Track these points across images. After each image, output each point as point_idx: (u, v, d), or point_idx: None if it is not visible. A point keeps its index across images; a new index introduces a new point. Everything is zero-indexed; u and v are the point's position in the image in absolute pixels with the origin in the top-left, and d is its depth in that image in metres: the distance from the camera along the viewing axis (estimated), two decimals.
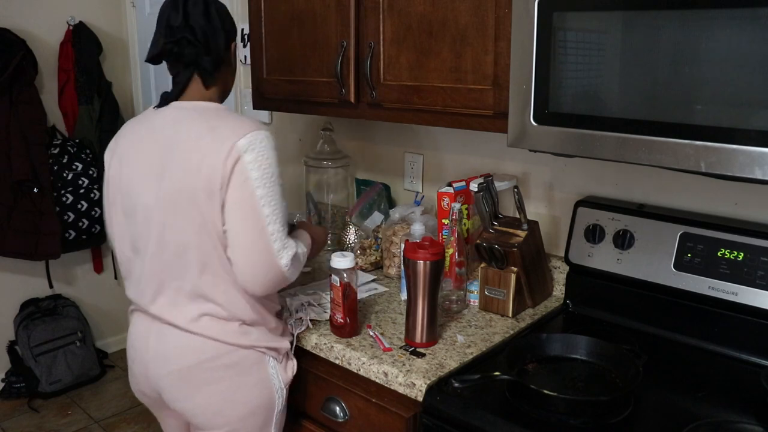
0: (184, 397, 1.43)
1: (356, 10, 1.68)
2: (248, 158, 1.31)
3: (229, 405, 1.42)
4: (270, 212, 1.33)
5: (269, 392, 1.46)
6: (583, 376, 1.31)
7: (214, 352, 1.39)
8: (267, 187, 1.33)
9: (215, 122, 1.36)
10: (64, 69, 3.14)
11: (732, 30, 1.04)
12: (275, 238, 1.34)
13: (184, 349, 1.40)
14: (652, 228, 1.52)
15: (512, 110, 1.33)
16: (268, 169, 1.33)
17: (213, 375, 1.40)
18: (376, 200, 2.05)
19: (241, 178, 1.31)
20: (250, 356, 1.42)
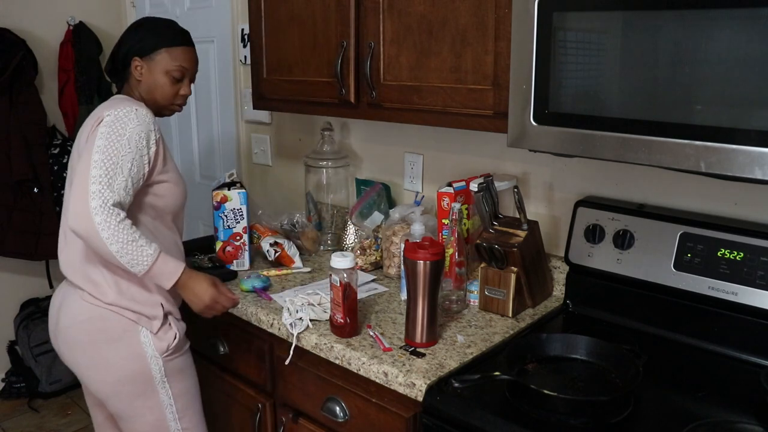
0: (67, 354, 1.59)
1: (356, 10, 1.68)
2: (103, 129, 1.46)
3: (103, 369, 1.55)
4: (97, 174, 1.41)
5: (141, 361, 1.54)
6: (583, 376, 1.31)
7: (87, 314, 1.53)
8: (105, 153, 1.43)
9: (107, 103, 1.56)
10: (64, 69, 3.13)
11: (732, 30, 1.04)
12: (93, 197, 1.39)
13: (70, 308, 1.56)
14: (652, 228, 1.52)
15: (512, 110, 1.33)
16: (116, 134, 1.45)
17: (87, 337, 1.54)
18: (376, 200, 2.05)
19: (92, 138, 1.46)
20: (120, 322, 1.53)
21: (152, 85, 1.62)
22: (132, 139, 1.46)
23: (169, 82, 1.63)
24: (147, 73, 1.62)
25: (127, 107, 1.49)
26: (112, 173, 1.42)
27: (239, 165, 2.75)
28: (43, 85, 3.14)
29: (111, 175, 1.41)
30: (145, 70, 1.61)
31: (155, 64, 1.61)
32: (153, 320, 1.55)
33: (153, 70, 1.62)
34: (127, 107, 1.49)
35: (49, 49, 3.13)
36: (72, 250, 1.57)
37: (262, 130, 2.63)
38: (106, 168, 1.41)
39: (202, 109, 2.89)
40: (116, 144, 1.44)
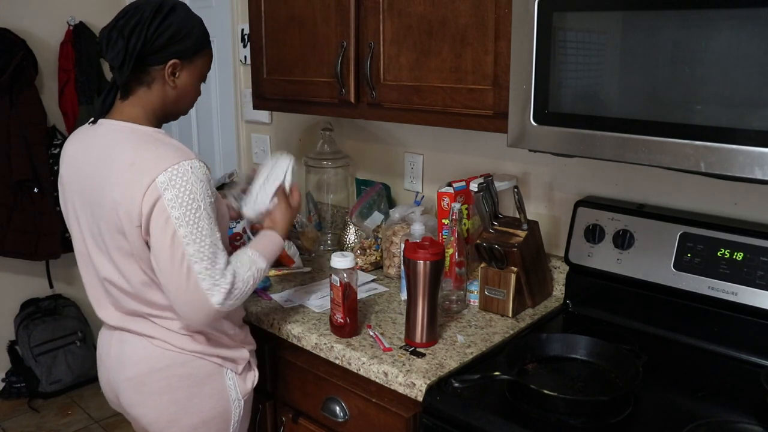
0: (138, 404, 1.42)
1: (356, 10, 1.68)
2: (168, 196, 1.24)
3: (183, 414, 1.41)
4: (195, 251, 1.26)
5: (225, 403, 1.45)
6: (583, 376, 1.31)
7: (168, 361, 1.39)
8: (191, 225, 1.26)
9: (138, 152, 1.29)
10: (65, 69, 3.13)
11: (732, 30, 1.04)
12: (203, 277, 1.27)
13: (139, 356, 1.40)
14: (652, 228, 1.52)
15: (512, 110, 1.33)
16: (192, 204, 1.26)
17: (167, 384, 1.39)
18: (376, 200, 2.05)
19: (162, 217, 1.25)
20: (205, 367, 1.41)
21: (185, 92, 1.40)
22: (207, 207, 1.28)
23: (199, 89, 1.44)
24: (185, 79, 1.38)
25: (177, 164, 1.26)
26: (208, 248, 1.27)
27: (239, 165, 2.75)
28: (43, 85, 3.14)
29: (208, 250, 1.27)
30: (183, 75, 1.37)
31: (195, 69, 1.39)
32: (239, 363, 1.46)
33: (191, 75, 1.39)
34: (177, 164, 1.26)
35: (49, 49, 3.13)
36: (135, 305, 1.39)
37: (262, 130, 2.63)
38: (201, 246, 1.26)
39: (202, 109, 2.89)
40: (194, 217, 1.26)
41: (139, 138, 1.33)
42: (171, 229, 1.25)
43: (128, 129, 1.34)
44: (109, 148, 1.32)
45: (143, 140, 1.32)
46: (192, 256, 1.26)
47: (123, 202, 1.27)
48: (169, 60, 1.34)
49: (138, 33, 1.29)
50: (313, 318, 1.63)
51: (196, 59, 1.39)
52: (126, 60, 1.29)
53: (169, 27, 1.32)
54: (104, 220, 1.31)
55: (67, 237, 3.10)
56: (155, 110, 1.38)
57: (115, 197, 1.27)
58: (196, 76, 1.41)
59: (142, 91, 1.36)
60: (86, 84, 3.14)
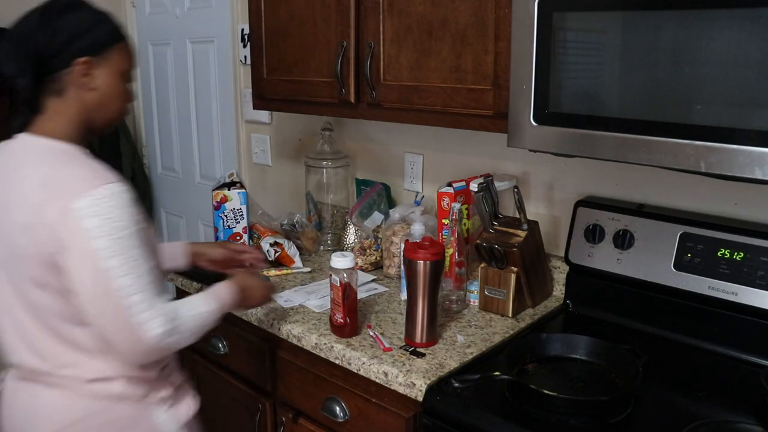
0: None
1: (356, 10, 1.68)
2: (89, 224, 1.11)
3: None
4: (128, 283, 1.12)
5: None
6: (583, 376, 1.31)
7: (84, 411, 1.23)
8: (121, 255, 1.12)
9: (52, 171, 1.15)
10: None
11: (732, 30, 1.04)
12: (138, 310, 1.13)
13: (54, 410, 1.23)
14: (652, 228, 1.52)
15: (512, 110, 1.33)
16: (121, 231, 1.12)
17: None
18: (376, 200, 2.06)
19: (83, 247, 1.11)
20: (126, 410, 1.25)
21: (108, 94, 1.23)
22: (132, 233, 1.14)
23: (125, 89, 1.27)
24: (103, 78, 1.22)
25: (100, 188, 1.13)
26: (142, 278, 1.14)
27: (239, 165, 2.75)
28: None
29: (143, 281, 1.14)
30: (100, 75, 1.21)
31: (110, 66, 1.22)
32: (165, 398, 1.31)
33: (109, 73, 1.22)
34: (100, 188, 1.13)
35: None
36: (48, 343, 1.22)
37: (262, 130, 2.63)
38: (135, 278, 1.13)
39: (202, 109, 2.89)
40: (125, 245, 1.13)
41: (53, 156, 1.18)
42: (95, 259, 1.11)
43: (43, 145, 1.20)
44: (20, 166, 1.19)
45: (58, 159, 1.18)
46: (125, 289, 1.12)
47: (31, 228, 1.13)
48: (74, 59, 1.18)
49: (29, 38, 1.16)
50: (313, 318, 1.63)
51: (108, 55, 1.22)
52: (23, 68, 1.16)
53: (66, 24, 1.17)
54: (11, 246, 1.17)
55: None
56: (74, 121, 1.22)
57: (22, 221, 1.14)
58: (115, 75, 1.24)
59: (54, 101, 1.20)
60: None
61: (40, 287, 1.18)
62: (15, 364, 1.27)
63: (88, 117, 1.24)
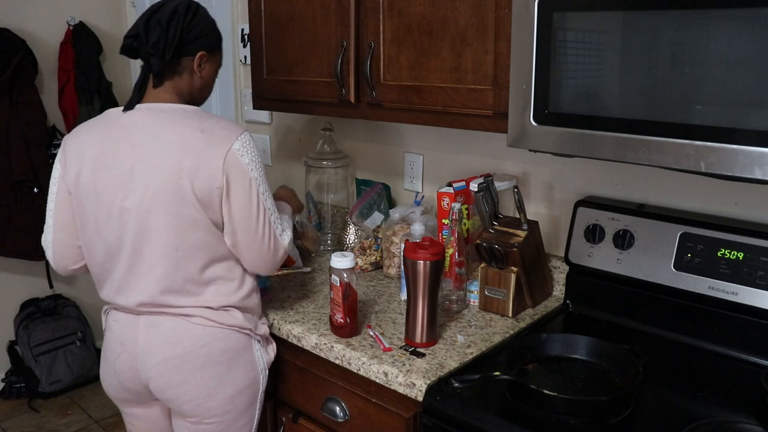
0: (177, 384, 1.46)
1: (356, 10, 1.68)
2: (246, 160, 1.40)
3: (221, 387, 1.48)
4: (270, 204, 1.46)
5: (255, 373, 1.53)
6: (583, 376, 1.31)
7: (209, 337, 1.45)
8: (264, 183, 1.45)
9: (204, 123, 1.41)
10: (64, 69, 3.13)
11: (732, 30, 1.04)
12: (277, 225, 1.48)
13: (179, 336, 1.44)
14: (652, 228, 1.52)
15: (512, 110, 1.33)
16: (260, 166, 1.44)
17: (208, 360, 1.45)
18: (376, 200, 2.05)
19: (243, 178, 1.40)
20: (241, 340, 1.49)
21: (207, 83, 1.54)
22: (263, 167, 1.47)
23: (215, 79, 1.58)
24: (209, 69, 1.52)
25: (242, 133, 1.42)
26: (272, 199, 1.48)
27: None
28: (43, 85, 3.14)
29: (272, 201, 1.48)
30: (207, 66, 1.51)
31: (215, 62, 1.55)
32: (263, 336, 1.56)
33: (213, 67, 1.54)
34: (242, 133, 1.42)
35: (49, 49, 3.13)
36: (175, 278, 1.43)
37: (262, 130, 2.63)
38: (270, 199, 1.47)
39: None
40: (264, 176, 1.45)
41: (194, 113, 1.44)
42: (254, 188, 1.41)
43: (176, 108, 1.44)
44: (159, 125, 1.40)
45: (198, 115, 1.44)
46: (269, 209, 1.45)
47: (201, 169, 1.36)
48: (199, 51, 1.47)
49: (176, 25, 1.41)
50: (313, 318, 1.63)
51: (216, 53, 1.54)
52: (166, 48, 1.41)
53: (199, 22, 1.46)
54: (167, 192, 1.36)
55: None
56: (183, 97, 1.49)
57: (188, 165, 1.36)
58: (216, 69, 1.56)
59: (175, 78, 1.47)
60: (86, 84, 3.14)
61: (195, 226, 1.39)
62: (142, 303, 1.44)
63: (191, 96, 1.52)
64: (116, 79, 3.32)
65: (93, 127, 1.46)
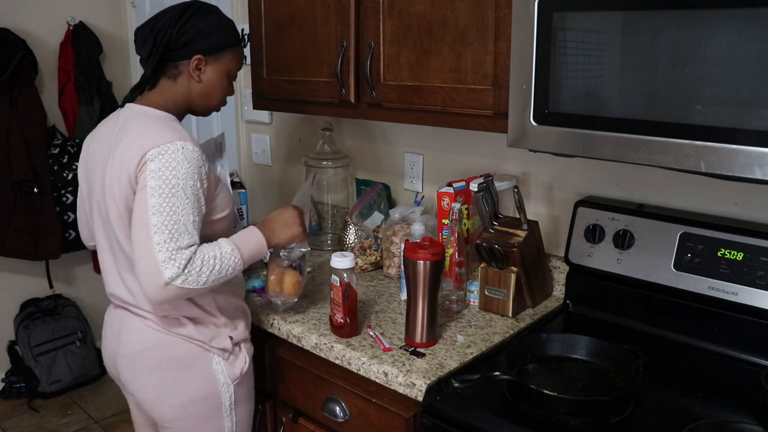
0: (132, 381, 1.50)
1: (356, 10, 1.68)
2: (152, 167, 1.32)
3: (170, 393, 1.48)
4: (158, 222, 1.29)
5: (212, 386, 1.49)
6: (583, 376, 1.31)
7: (156, 341, 1.46)
8: (162, 197, 1.30)
9: (144, 129, 1.38)
10: (64, 69, 3.13)
11: (732, 30, 1.04)
12: (159, 249, 1.29)
13: (133, 334, 1.48)
14: (652, 228, 1.52)
15: (512, 110, 1.33)
16: (171, 179, 1.31)
17: (156, 363, 1.47)
18: (376, 200, 2.05)
19: (141, 184, 1.33)
20: (191, 350, 1.46)
21: (212, 88, 1.49)
22: (187, 187, 1.32)
23: (227, 85, 1.52)
24: (210, 74, 1.47)
25: (170, 142, 1.33)
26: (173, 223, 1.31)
27: (239, 165, 2.75)
28: (43, 85, 3.14)
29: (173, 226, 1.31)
30: (208, 70, 1.46)
31: (221, 66, 1.48)
32: (224, 350, 1.49)
33: (217, 71, 1.48)
34: (170, 142, 1.33)
35: (49, 49, 3.13)
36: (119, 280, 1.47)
37: (262, 130, 2.63)
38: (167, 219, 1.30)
39: None
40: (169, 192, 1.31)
41: (149, 118, 1.42)
42: (144, 196, 1.32)
43: (143, 111, 1.45)
44: (122, 126, 1.43)
45: (152, 121, 1.41)
46: (154, 226, 1.30)
47: (122, 171, 1.35)
48: (193, 55, 1.44)
49: (164, 30, 1.41)
50: (313, 318, 1.63)
51: (221, 56, 1.48)
52: (152, 53, 1.42)
53: (194, 26, 1.43)
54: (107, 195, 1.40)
55: (67, 237, 3.11)
56: (178, 101, 1.48)
57: (120, 169, 1.36)
58: (223, 73, 1.50)
59: (168, 83, 1.47)
60: (86, 84, 3.14)
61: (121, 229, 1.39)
62: (111, 294, 1.52)
63: (190, 102, 1.50)
64: (116, 79, 3.32)
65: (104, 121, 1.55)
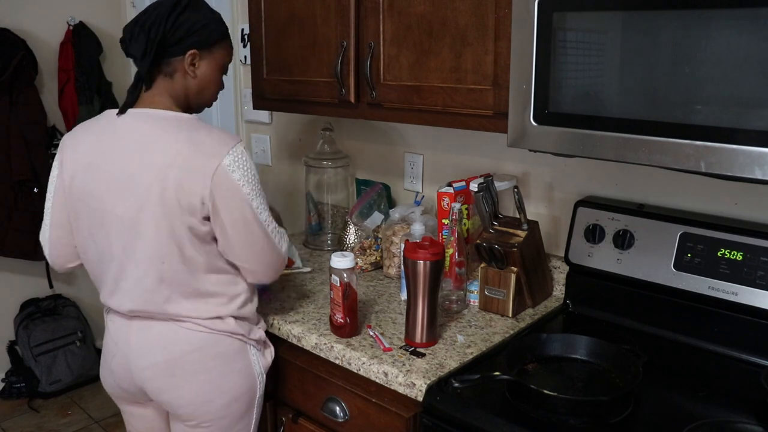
0: (171, 388, 1.45)
1: (356, 10, 1.68)
2: (237, 176, 1.35)
3: (217, 393, 1.47)
4: (266, 216, 1.43)
5: (252, 378, 1.52)
6: (583, 376, 1.31)
7: (200, 342, 1.44)
8: (258, 196, 1.40)
9: (192, 135, 1.36)
10: (64, 69, 3.13)
11: (732, 30, 1.04)
12: (274, 234, 1.45)
13: (169, 340, 1.44)
14: (652, 228, 1.52)
15: (512, 110, 1.33)
16: (254, 179, 1.39)
17: (201, 365, 1.45)
18: (376, 200, 2.05)
19: (234, 195, 1.35)
20: (234, 345, 1.48)
21: (207, 82, 1.46)
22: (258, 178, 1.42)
23: (220, 79, 1.51)
24: (205, 68, 1.44)
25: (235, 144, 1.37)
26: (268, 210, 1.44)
27: None
28: (43, 85, 3.14)
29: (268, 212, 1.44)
30: (203, 65, 1.44)
31: (214, 60, 1.46)
32: (259, 340, 1.54)
33: (211, 65, 1.45)
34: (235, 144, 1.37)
35: (49, 49, 3.13)
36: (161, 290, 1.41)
37: (262, 130, 2.63)
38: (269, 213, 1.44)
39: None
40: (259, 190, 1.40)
41: (184, 122, 1.39)
42: (245, 204, 1.37)
43: (169, 115, 1.40)
44: (149, 134, 1.37)
45: (189, 125, 1.39)
46: (266, 221, 1.42)
47: (187, 183, 1.32)
48: (188, 50, 1.41)
49: (158, 26, 1.37)
50: (313, 318, 1.63)
51: (214, 50, 1.45)
52: (147, 50, 1.37)
53: (187, 20, 1.39)
54: (154, 204, 1.33)
55: None
56: (179, 100, 1.45)
57: (173, 178, 1.32)
58: (216, 67, 1.48)
59: (165, 81, 1.42)
60: (86, 84, 3.14)
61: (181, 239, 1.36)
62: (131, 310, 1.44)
63: (187, 98, 1.46)
64: (116, 79, 3.32)
65: (90, 129, 1.44)
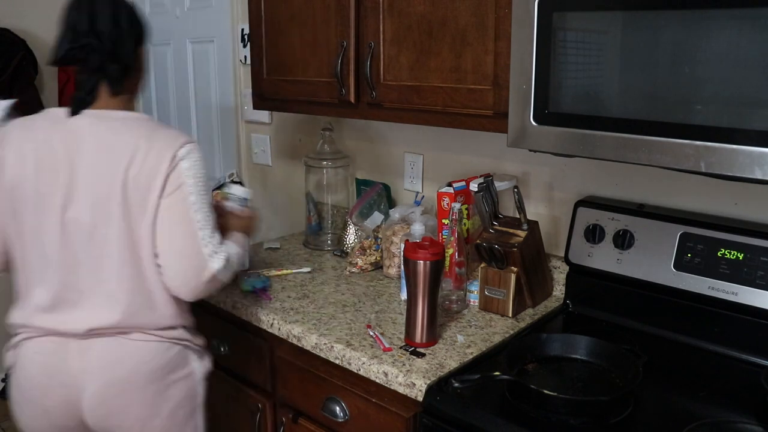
0: (119, 410, 1.38)
1: (356, 10, 1.68)
2: (185, 165, 1.34)
3: (162, 403, 1.42)
4: (201, 218, 1.36)
5: (193, 383, 1.50)
6: (583, 376, 1.31)
7: (151, 353, 1.40)
8: (199, 195, 1.36)
9: (153, 133, 1.35)
10: (64, 69, 3.13)
11: (732, 30, 1.04)
12: (206, 243, 1.36)
13: (117, 357, 1.37)
14: (652, 228, 1.52)
15: (512, 110, 1.33)
16: (201, 178, 1.37)
17: (149, 377, 1.39)
18: (376, 200, 2.05)
19: (175, 184, 1.33)
20: (180, 352, 1.46)
21: (145, 73, 1.48)
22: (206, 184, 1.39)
23: None
24: (142, 60, 1.45)
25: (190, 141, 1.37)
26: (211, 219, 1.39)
27: (239, 165, 2.75)
28: (43, 85, 3.14)
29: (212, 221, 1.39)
30: (144, 57, 1.46)
31: (145, 49, 1.47)
32: (200, 347, 1.53)
33: (145, 55, 1.47)
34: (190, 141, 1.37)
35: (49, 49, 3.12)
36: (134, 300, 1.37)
37: (262, 130, 2.63)
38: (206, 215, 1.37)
39: (202, 109, 2.89)
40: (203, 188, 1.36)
41: (144, 121, 1.39)
42: (183, 194, 1.33)
43: (128, 116, 1.38)
44: (110, 134, 1.34)
45: (147, 123, 1.39)
46: (198, 222, 1.35)
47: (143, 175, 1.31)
48: (141, 46, 1.43)
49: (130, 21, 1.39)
50: (313, 318, 1.63)
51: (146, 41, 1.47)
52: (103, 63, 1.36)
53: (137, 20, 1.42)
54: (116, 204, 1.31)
55: None
56: (134, 95, 1.46)
57: (129, 177, 1.31)
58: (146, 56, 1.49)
59: (129, 79, 1.42)
60: None
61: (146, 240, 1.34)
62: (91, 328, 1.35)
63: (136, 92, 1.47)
64: None
65: (34, 126, 1.37)
